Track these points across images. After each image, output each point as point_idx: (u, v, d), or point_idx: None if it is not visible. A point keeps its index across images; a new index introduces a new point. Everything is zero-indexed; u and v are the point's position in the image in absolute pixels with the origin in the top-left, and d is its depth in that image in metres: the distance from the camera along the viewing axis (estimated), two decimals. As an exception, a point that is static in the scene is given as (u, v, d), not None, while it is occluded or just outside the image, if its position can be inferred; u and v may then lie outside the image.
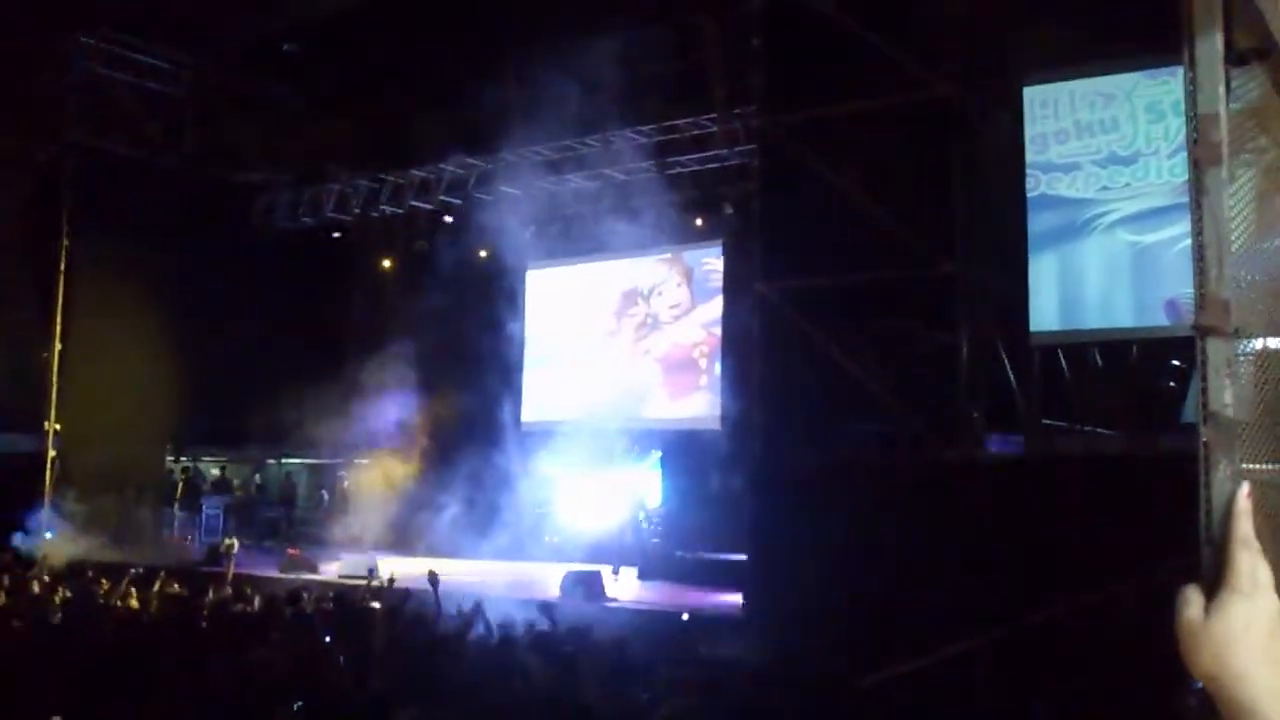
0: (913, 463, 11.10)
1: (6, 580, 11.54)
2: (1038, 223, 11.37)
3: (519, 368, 20.60)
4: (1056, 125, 11.35)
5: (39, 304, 19.03)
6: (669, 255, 19.08)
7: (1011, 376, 11.47)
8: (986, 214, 11.54)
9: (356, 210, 20.46)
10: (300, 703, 6.33)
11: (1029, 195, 11.39)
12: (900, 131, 11.57)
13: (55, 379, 18.66)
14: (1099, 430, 11.21)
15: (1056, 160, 11.33)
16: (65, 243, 18.73)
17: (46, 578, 12.68)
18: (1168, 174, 10.72)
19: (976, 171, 11.54)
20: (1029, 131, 11.48)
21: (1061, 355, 11.42)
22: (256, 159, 21.03)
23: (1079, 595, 9.15)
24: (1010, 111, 11.74)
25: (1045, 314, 11.30)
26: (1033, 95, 11.53)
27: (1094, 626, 9.11)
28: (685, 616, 11.11)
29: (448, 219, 20.28)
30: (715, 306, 18.33)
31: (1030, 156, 11.45)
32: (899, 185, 11.56)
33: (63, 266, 18.73)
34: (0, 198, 18.72)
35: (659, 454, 18.32)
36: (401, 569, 15.73)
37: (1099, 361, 11.38)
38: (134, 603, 10.71)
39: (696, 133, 17.14)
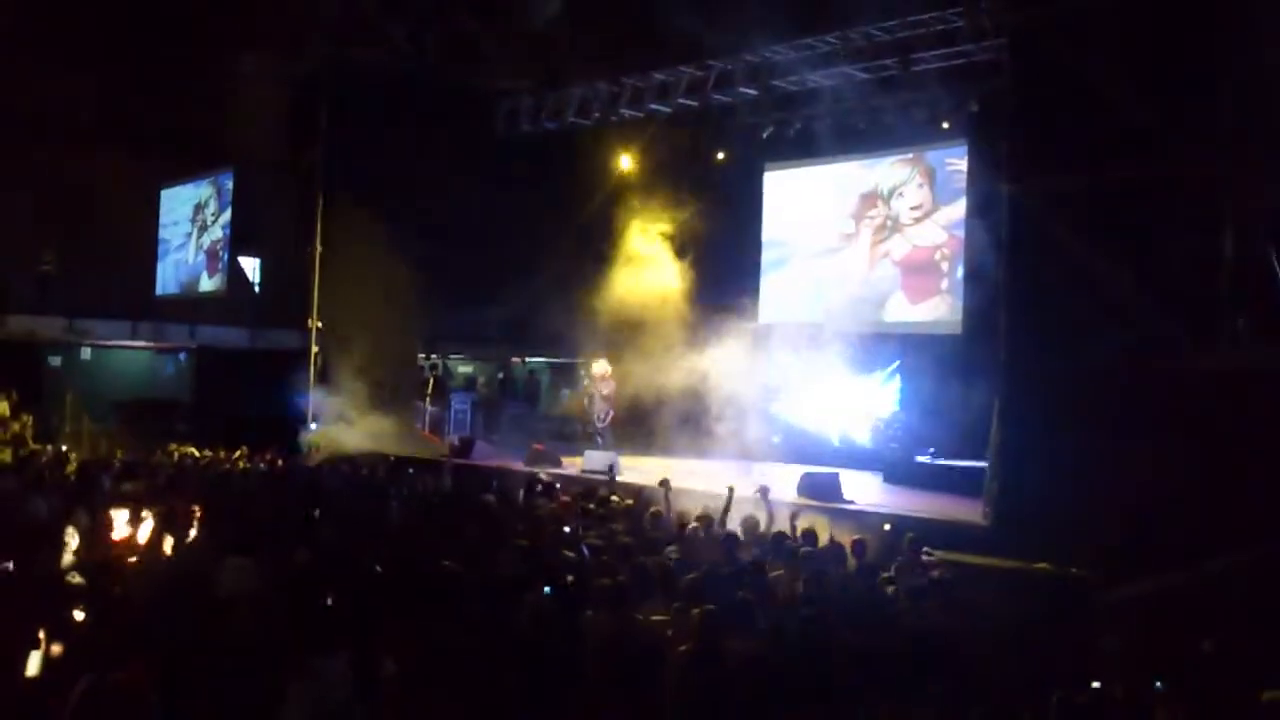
0: (1170, 372, 10.56)
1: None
2: (1323, 115, 10.46)
3: (756, 269, 20.55)
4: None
5: (300, 209, 20.10)
6: (911, 155, 18.57)
7: (1281, 281, 10.72)
8: (1264, 110, 10.70)
9: (596, 114, 20.62)
10: (549, 588, 6.59)
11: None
12: (1162, 20, 10.84)
13: (316, 279, 19.75)
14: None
15: (1351, 46, 10.37)
16: (321, 149, 19.66)
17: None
18: None
19: (1252, 64, 10.70)
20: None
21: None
22: (499, 64, 21.38)
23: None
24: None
25: (1326, 215, 10.47)
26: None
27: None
28: (887, 527, 10.96)
29: (688, 122, 20.23)
30: (958, 208, 17.78)
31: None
32: (1160, 79, 10.86)
33: (321, 173, 19.69)
34: (261, 109, 19.73)
35: (898, 359, 18.07)
36: (637, 466, 16.18)
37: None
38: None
39: (942, 28, 16.41)
